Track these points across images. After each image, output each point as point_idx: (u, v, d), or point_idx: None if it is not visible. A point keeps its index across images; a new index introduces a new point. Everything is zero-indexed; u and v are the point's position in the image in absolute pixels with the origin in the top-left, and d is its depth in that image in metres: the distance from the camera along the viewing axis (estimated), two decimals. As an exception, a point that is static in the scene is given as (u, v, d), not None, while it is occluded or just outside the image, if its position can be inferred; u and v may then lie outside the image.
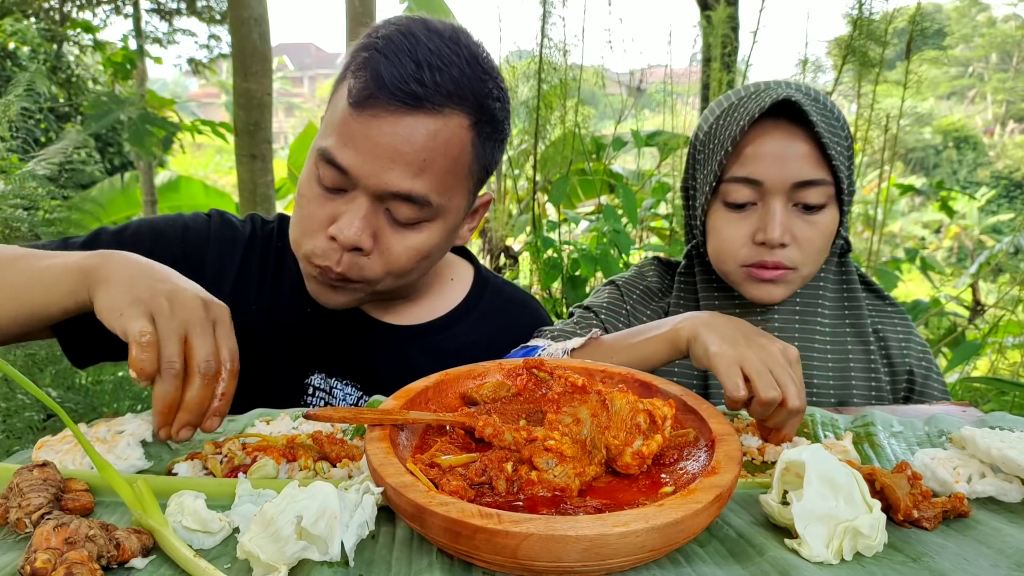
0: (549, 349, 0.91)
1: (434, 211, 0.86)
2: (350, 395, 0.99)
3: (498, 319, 1.08)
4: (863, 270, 1.13)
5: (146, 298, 0.66)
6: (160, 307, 0.66)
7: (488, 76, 0.85)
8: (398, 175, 0.81)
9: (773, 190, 0.93)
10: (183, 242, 0.97)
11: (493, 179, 3.64)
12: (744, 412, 0.78)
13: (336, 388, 1.00)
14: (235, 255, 1.00)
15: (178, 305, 0.67)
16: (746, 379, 0.69)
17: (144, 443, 0.70)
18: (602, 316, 1.09)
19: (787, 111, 0.93)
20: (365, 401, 0.99)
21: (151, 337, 0.64)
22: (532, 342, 1.04)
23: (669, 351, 0.82)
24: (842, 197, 0.96)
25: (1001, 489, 0.62)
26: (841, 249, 1.07)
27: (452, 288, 1.08)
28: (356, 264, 0.86)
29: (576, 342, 0.90)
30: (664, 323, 0.84)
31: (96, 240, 0.94)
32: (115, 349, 0.92)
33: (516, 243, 3.52)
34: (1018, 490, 0.62)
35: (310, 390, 1.00)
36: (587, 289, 2.50)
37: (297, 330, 0.99)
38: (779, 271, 0.95)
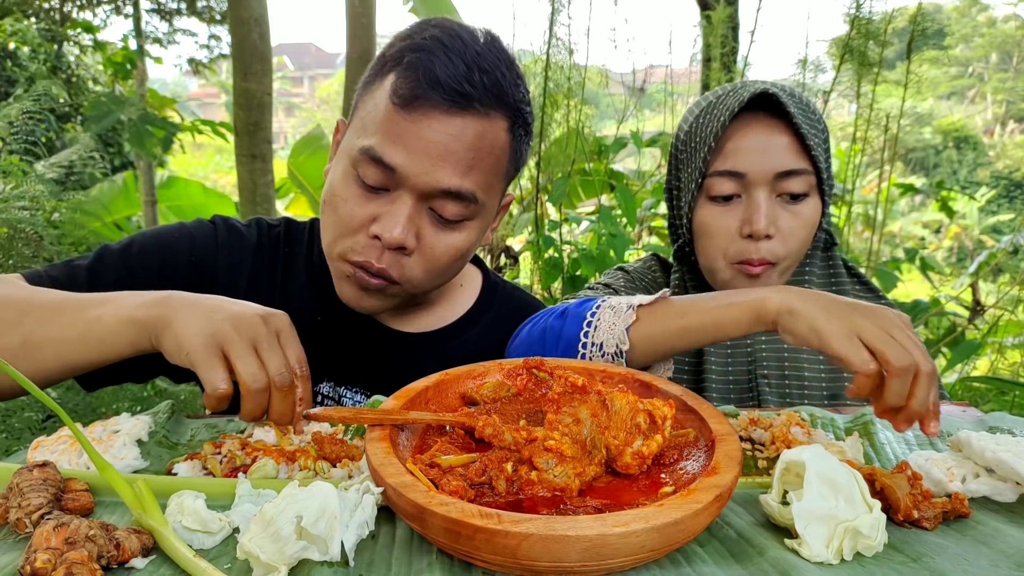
0: (610, 300, 0.85)
1: (478, 209, 0.87)
2: (360, 403, 0.99)
3: (508, 326, 1.08)
4: (853, 264, 1.13)
5: (209, 333, 0.66)
6: (226, 335, 0.66)
7: (520, 81, 0.87)
8: (448, 173, 0.82)
9: (756, 181, 0.95)
10: (192, 255, 0.96)
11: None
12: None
13: (345, 396, 0.99)
14: (244, 262, 0.99)
15: (241, 327, 0.67)
16: (870, 352, 0.61)
17: (140, 442, 0.70)
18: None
19: (765, 105, 0.96)
20: None
21: (228, 390, 0.65)
22: (583, 293, 1.03)
23: (750, 322, 0.74)
24: (823, 187, 0.98)
25: (995, 488, 0.62)
26: (825, 243, 1.08)
27: (462, 294, 1.08)
28: (397, 263, 0.86)
29: (643, 298, 0.83)
30: (745, 292, 0.76)
31: (101, 262, 0.92)
32: (124, 375, 0.92)
33: (516, 243, 3.52)
34: (1012, 489, 0.62)
35: (318, 398, 0.99)
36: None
37: (306, 338, 0.98)
38: (763, 266, 0.97)
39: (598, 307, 0.83)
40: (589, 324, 0.82)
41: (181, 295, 0.72)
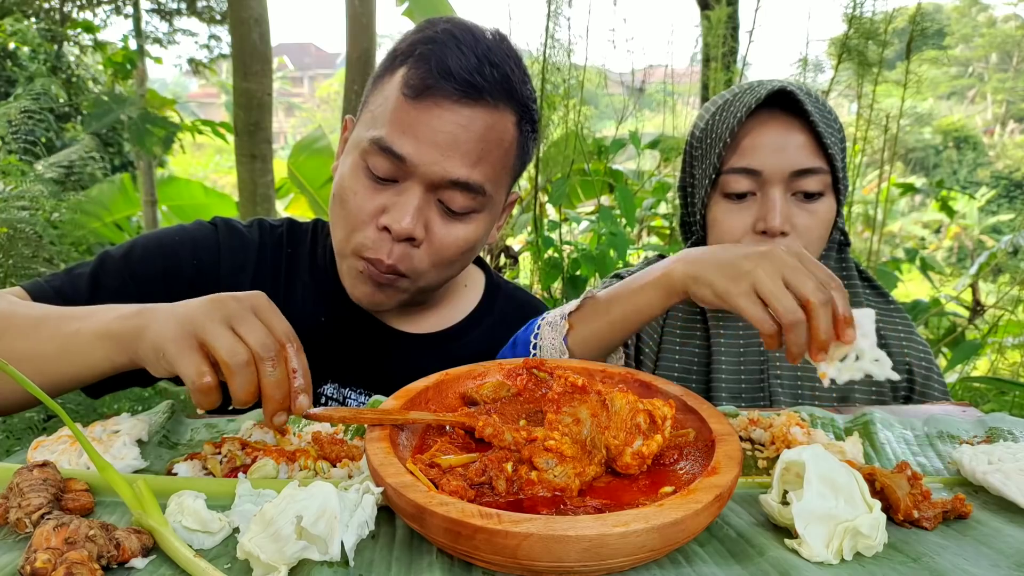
0: (548, 316, 0.89)
1: (485, 201, 0.87)
2: (364, 405, 0.98)
3: (511, 327, 1.08)
4: (864, 268, 1.13)
5: (179, 324, 0.63)
6: (196, 322, 0.63)
7: (528, 79, 0.89)
8: (457, 163, 0.82)
9: (772, 179, 0.95)
10: (194, 257, 0.95)
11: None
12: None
13: (350, 398, 0.99)
14: (247, 264, 0.99)
15: (210, 310, 0.64)
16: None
17: (140, 442, 0.70)
18: None
19: (782, 103, 0.96)
20: None
21: (210, 380, 0.61)
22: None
23: (664, 297, 0.77)
24: (838, 187, 0.98)
25: (865, 375, 0.65)
26: (840, 244, 1.08)
27: (466, 295, 1.08)
28: (407, 255, 0.86)
29: (572, 304, 0.87)
30: (652, 270, 0.80)
31: (103, 268, 0.91)
32: (127, 380, 0.91)
33: (516, 243, 3.53)
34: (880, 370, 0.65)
35: (323, 400, 0.99)
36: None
37: (310, 339, 0.98)
38: None
39: (539, 326, 0.86)
40: (534, 347, 0.85)
41: (159, 305, 0.69)
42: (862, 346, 0.66)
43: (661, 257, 1.21)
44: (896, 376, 0.66)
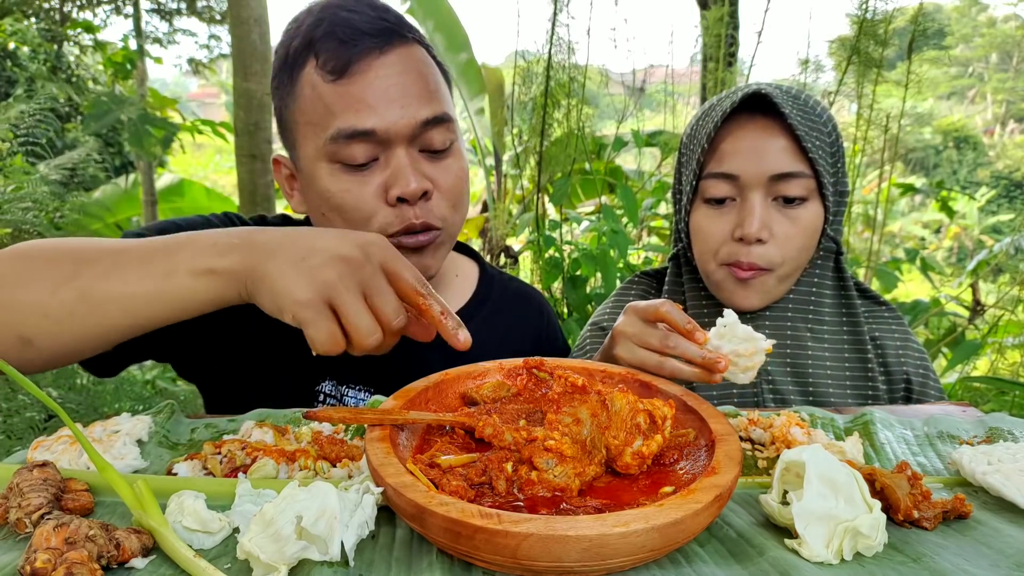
0: None
1: (453, 126, 0.90)
2: (363, 400, 0.98)
3: (508, 315, 1.08)
4: (858, 275, 1.12)
5: (313, 289, 0.61)
6: (331, 286, 0.61)
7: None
8: (416, 104, 0.84)
9: (751, 184, 0.94)
10: None
11: (492, 177, 3.65)
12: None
13: (348, 395, 0.98)
14: None
15: (345, 274, 0.62)
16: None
17: (140, 442, 0.70)
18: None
19: (763, 107, 0.94)
20: None
21: (343, 347, 0.63)
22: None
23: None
24: (824, 192, 0.95)
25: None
26: (834, 252, 1.05)
27: (458, 285, 1.08)
28: (428, 209, 0.87)
29: None
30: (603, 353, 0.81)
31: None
32: (140, 353, 0.89)
33: (516, 243, 3.53)
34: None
35: (320, 397, 0.98)
36: (587, 289, 2.50)
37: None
38: (752, 271, 0.95)
39: None
40: None
41: (258, 235, 0.66)
42: (730, 339, 0.72)
43: (643, 273, 1.21)
44: (763, 338, 0.71)
